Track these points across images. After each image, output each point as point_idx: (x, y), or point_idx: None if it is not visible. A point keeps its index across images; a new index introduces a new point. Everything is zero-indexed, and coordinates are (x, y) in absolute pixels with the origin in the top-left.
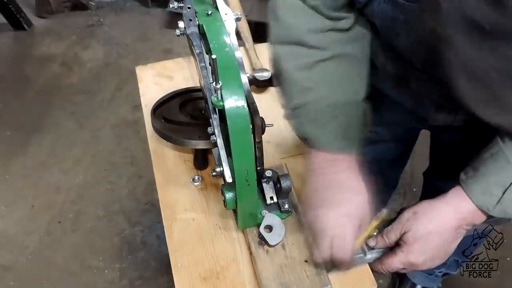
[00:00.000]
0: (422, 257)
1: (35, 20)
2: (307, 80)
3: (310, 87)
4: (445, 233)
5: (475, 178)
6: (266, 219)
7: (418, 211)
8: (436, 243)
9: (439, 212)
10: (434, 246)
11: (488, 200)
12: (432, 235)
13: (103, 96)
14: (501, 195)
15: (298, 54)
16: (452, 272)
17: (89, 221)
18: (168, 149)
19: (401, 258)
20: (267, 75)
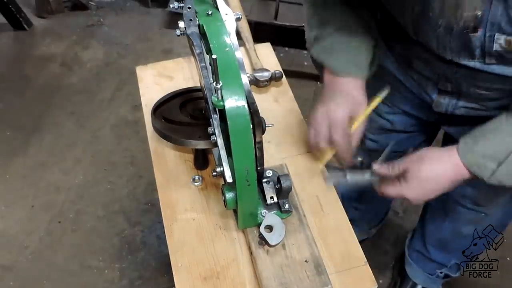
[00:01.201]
0: (415, 194)
1: (35, 20)
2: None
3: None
4: (442, 181)
5: (472, 150)
6: (266, 219)
7: (424, 156)
8: (432, 187)
9: (442, 163)
10: (429, 188)
11: (483, 171)
12: (430, 180)
13: (103, 96)
14: (495, 168)
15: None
16: (452, 275)
17: (89, 221)
18: (168, 149)
19: (398, 190)
20: (267, 75)
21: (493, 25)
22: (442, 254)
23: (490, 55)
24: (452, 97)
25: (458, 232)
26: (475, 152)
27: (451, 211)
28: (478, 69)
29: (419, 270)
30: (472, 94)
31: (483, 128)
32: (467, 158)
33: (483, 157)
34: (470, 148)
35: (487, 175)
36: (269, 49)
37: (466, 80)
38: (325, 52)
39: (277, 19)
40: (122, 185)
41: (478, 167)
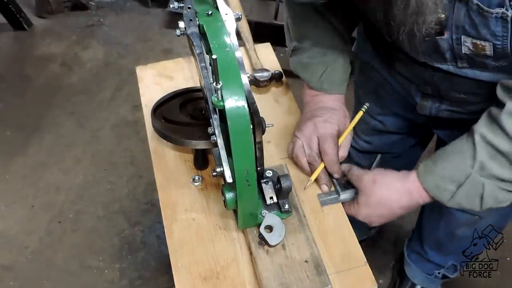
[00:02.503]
0: (368, 219)
1: (35, 20)
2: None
3: (306, 35)
4: (394, 208)
5: (431, 172)
6: (266, 219)
7: (377, 181)
8: (384, 212)
9: (394, 191)
10: (381, 214)
11: (442, 194)
12: (381, 206)
13: (103, 96)
14: (455, 190)
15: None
16: (450, 275)
17: (89, 221)
18: (168, 149)
19: (352, 212)
20: (267, 75)
21: (458, 28)
22: (438, 255)
23: (461, 58)
24: (435, 101)
25: (453, 234)
26: (434, 174)
27: (445, 214)
28: (452, 73)
29: (417, 270)
30: (452, 97)
31: (443, 150)
32: (426, 180)
33: (442, 179)
34: (430, 170)
35: (446, 198)
36: (269, 49)
37: (443, 83)
38: (301, 67)
39: (277, 19)
40: (122, 185)
41: (437, 189)
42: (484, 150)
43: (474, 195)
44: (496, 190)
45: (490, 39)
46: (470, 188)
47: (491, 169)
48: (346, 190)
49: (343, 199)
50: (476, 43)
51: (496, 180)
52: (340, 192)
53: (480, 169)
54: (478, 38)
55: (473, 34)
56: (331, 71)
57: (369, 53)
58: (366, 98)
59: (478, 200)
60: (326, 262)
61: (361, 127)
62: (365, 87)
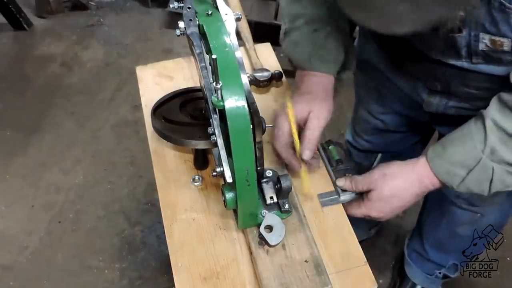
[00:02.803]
0: (381, 213)
1: (35, 20)
2: (297, 9)
3: (299, 14)
4: (406, 196)
5: (441, 157)
6: (266, 219)
7: (387, 173)
8: (397, 204)
9: (406, 179)
10: (395, 206)
11: (452, 178)
12: (394, 198)
13: (103, 96)
14: (465, 175)
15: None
16: (451, 275)
17: (89, 221)
18: (168, 149)
19: (363, 211)
20: (267, 75)
21: (477, 24)
22: (439, 255)
23: (476, 55)
24: (442, 97)
25: (455, 232)
26: (444, 159)
27: (447, 212)
28: (466, 69)
29: (418, 270)
30: (461, 93)
31: (452, 135)
32: (436, 166)
33: (453, 164)
34: (439, 155)
35: (456, 183)
36: (269, 49)
37: (455, 79)
38: (291, 46)
39: (277, 19)
40: (122, 185)
41: (447, 174)
42: (495, 135)
43: (484, 179)
44: (504, 174)
45: (510, 35)
46: (480, 173)
47: (501, 154)
48: (345, 192)
49: (343, 200)
50: (495, 39)
51: (506, 165)
52: (340, 193)
53: (490, 153)
54: (497, 35)
55: (493, 31)
56: (322, 49)
57: (371, 51)
58: (367, 97)
59: (487, 184)
60: (326, 262)
61: (362, 127)
62: (366, 86)
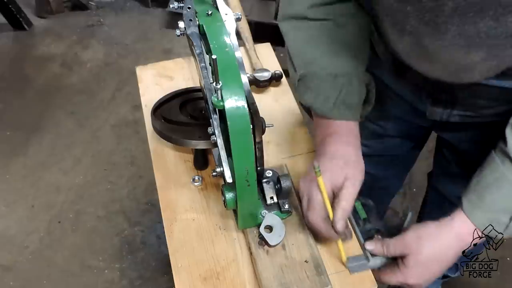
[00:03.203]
0: (420, 280)
1: (35, 20)
2: (310, 52)
3: (313, 58)
4: (446, 257)
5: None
6: (266, 219)
7: (423, 236)
8: (436, 268)
9: (443, 240)
10: (434, 271)
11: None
12: (433, 262)
13: (103, 96)
14: (508, 222)
15: (301, 28)
16: (451, 275)
17: (89, 221)
18: (168, 149)
19: (399, 279)
20: (267, 75)
21: None
22: None
23: None
24: (447, 106)
25: None
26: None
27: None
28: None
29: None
30: (467, 103)
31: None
32: (477, 218)
33: (495, 212)
34: (478, 206)
35: (500, 230)
36: (269, 49)
37: (463, 91)
38: (311, 94)
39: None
40: (122, 185)
41: (490, 222)
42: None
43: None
44: None
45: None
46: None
47: None
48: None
49: (373, 265)
50: None
51: None
52: (370, 258)
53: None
54: None
55: None
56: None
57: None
58: None
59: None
60: (326, 262)
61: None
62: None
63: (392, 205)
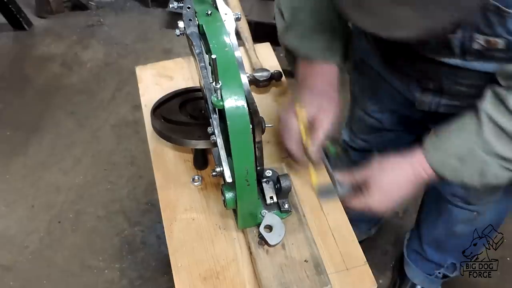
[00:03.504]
0: (381, 205)
1: (35, 20)
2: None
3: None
4: (404, 186)
5: (437, 148)
6: (266, 219)
7: (384, 165)
8: (395, 194)
9: (402, 169)
10: (392, 196)
11: (446, 170)
12: (392, 189)
13: (103, 96)
14: (458, 167)
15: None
16: (450, 275)
17: (89, 221)
18: (168, 149)
19: (363, 203)
20: (267, 75)
21: (472, 26)
22: (437, 254)
23: (470, 53)
24: (435, 96)
25: (452, 231)
26: (439, 150)
27: (443, 211)
28: (459, 66)
29: (417, 270)
30: (454, 91)
31: (448, 127)
32: (430, 157)
33: (447, 156)
34: (435, 147)
35: (450, 174)
36: (269, 49)
37: (448, 77)
38: (297, 39)
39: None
40: (122, 185)
41: (441, 165)
42: (490, 129)
43: (476, 171)
44: (497, 168)
45: (506, 36)
46: (472, 165)
47: (494, 147)
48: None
49: (341, 192)
50: (489, 40)
51: (499, 159)
52: (339, 187)
53: (484, 146)
54: (492, 35)
55: (487, 32)
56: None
57: (365, 50)
58: (362, 96)
59: (480, 177)
60: (326, 262)
61: (358, 126)
62: (361, 85)
63: None
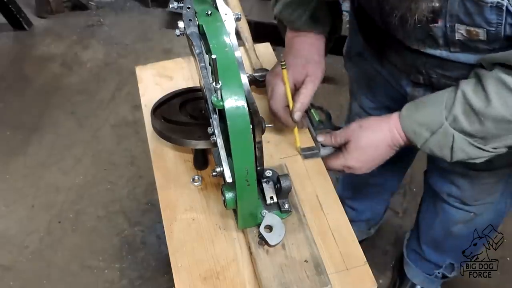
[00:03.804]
0: (358, 162)
1: (35, 20)
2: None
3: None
4: (381, 147)
5: (411, 116)
6: (266, 219)
7: (363, 125)
8: (372, 154)
9: (380, 131)
10: (369, 156)
11: (417, 138)
12: (370, 148)
13: (103, 96)
14: (428, 137)
15: None
16: (448, 275)
17: (89, 221)
18: (168, 149)
19: (341, 162)
20: None
21: (452, 16)
22: (436, 254)
23: (454, 44)
24: (426, 90)
25: (449, 231)
26: (412, 118)
27: (441, 211)
28: (445, 58)
29: (417, 270)
30: (443, 86)
31: (427, 97)
32: (404, 124)
33: (419, 125)
34: (410, 115)
35: (420, 143)
36: (268, 49)
37: (436, 70)
38: (286, 8)
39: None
40: (122, 185)
41: (413, 133)
42: (461, 104)
43: (445, 145)
44: (465, 144)
45: (484, 26)
46: (441, 138)
47: (462, 124)
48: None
49: (323, 153)
50: (470, 30)
51: (466, 135)
52: (321, 148)
53: (452, 121)
54: (472, 26)
55: (467, 21)
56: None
57: (360, 44)
58: (359, 91)
59: (449, 151)
60: (326, 262)
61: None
62: (358, 80)
63: (392, 205)
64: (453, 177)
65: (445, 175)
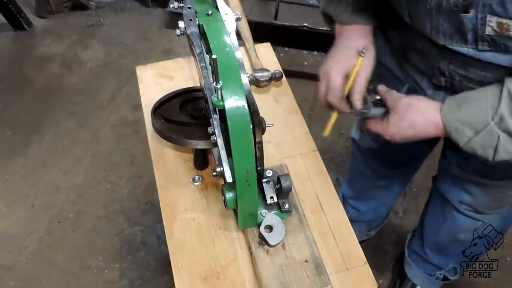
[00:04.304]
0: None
1: (35, 20)
2: None
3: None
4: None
5: (454, 114)
6: (266, 219)
7: (412, 104)
8: (410, 135)
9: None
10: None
11: (460, 137)
12: (410, 129)
13: (103, 96)
14: (472, 136)
15: None
16: (450, 278)
17: (89, 221)
18: (168, 149)
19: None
20: (267, 75)
21: (485, 6)
22: (439, 258)
23: (482, 40)
24: (447, 93)
25: (456, 238)
26: (456, 117)
27: (449, 218)
28: (471, 57)
29: (418, 270)
30: (464, 89)
31: (471, 94)
32: (447, 122)
33: (462, 123)
34: (453, 112)
35: (463, 141)
36: (269, 49)
37: (459, 72)
38: (328, 3)
39: (277, 19)
40: (122, 185)
41: (456, 131)
42: (508, 104)
43: (489, 145)
44: (509, 144)
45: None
46: (485, 138)
47: (508, 124)
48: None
49: (373, 114)
50: (502, 22)
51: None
52: (372, 108)
53: (499, 121)
54: (505, 17)
55: (500, 12)
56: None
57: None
58: None
59: (492, 151)
60: (326, 262)
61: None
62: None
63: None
64: (466, 185)
65: (458, 182)
